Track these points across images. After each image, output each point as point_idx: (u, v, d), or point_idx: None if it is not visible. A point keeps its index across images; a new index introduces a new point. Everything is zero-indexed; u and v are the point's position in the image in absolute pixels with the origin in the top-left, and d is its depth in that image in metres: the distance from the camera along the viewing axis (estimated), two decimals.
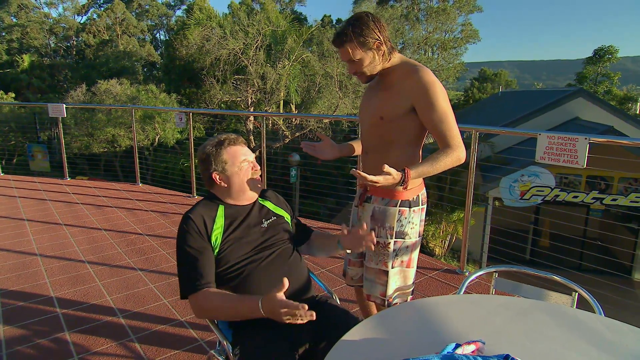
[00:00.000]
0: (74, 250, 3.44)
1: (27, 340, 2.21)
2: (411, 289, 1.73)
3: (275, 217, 1.59)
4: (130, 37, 31.88)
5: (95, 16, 34.34)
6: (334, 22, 25.45)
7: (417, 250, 1.70)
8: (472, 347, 1.04)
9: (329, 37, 15.56)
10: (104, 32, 31.44)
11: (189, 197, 5.18)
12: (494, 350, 1.02)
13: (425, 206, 1.69)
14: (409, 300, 1.72)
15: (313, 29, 15.72)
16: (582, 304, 1.44)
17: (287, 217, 1.65)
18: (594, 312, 1.34)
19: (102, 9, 35.18)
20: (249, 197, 1.53)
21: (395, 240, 1.64)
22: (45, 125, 16.10)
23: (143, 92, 14.86)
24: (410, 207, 1.63)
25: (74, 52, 32.77)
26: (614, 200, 8.25)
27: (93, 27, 31.41)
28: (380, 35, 1.50)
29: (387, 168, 1.37)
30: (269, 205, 1.62)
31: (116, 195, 5.21)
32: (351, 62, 1.54)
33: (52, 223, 4.11)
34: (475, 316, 1.24)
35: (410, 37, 19.51)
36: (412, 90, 1.50)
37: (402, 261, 1.66)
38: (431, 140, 1.94)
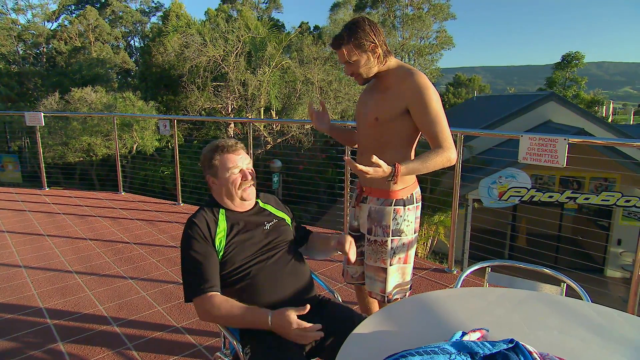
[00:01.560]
0: (60, 260, 3.37)
1: (20, 352, 2.16)
2: (409, 285, 1.79)
3: (276, 220, 1.62)
4: (103, 44, 31.24)
5: (66, 22, 33.51)
6: (312, 28, 25.63)
7: (414, 247, 1.77)
8: (477, 335, 1.11)
9: (308, 44, 15.69)
10: (75, 39, 30.70)
11: (175, 204, 5.13)
12: (497, 337, 1.08)
13: (420, 204, 1.76)
14: (407, 295, 1.78)
15: (292, 35, 15.82)
16: (569, 294, 1.54)
17: (288, 219, 1.69)
18: (582, 299, 1.44)
19: (74, 15, 34.39)
20: (238, 204, 1.55)
21: (392, 238, 1.69)
22: (15, 135, 15.57)
23: (120, 99, 14.58)
24: (404, 206, 1.69)
25: (45, 60, 31.86)
26: (587, 199, 8.60)
27: (64, 34, 30.63)
28: (375, 39, 1.56)
29: (375, 159, 1.41)
30: (269, 208, 1.66)
31: (99, 205, 5.11)
32: (348, 64, 1.61)
33: (34, 234, 4.00)
34: (477, 307, 1.31)
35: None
36: (407, 93, 1.57)
37: (399, 258, 1.72)
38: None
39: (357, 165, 1.41)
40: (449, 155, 1.56)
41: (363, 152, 1.75)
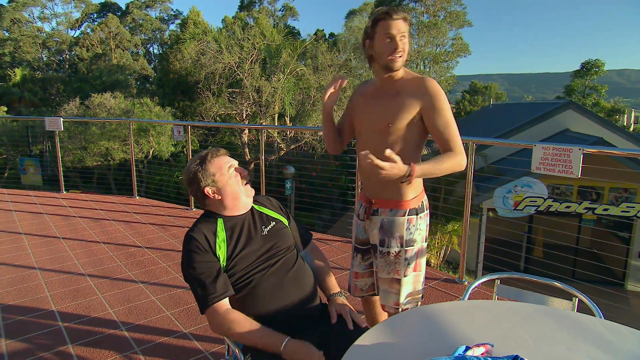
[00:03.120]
0: (74, 263, 3.43)
1: (30, 353, 2.20)
2: (421, 294, 1.76)
3: (274, 222, 1.60)
4: (123, 50, 32.03)
5: (89, 30, 34.47)
6: (327, 36, 25.80)
7: (425, 254, 1.75)
8: (481, 350, 1.08)
9: (322, 51, 15.78)
10: (97, 46, 31.54)
11: (187, 209, 5.19)
12: (502, 353, 1.06)
13: (429, 211, 1.75)
14: (419, 304, 1.75)
15: (307, 43, 15.95)
16: (582, 310, 1.49)
17: (285, 220, 1.66)
18: (594, 315, 1.39)
19: (96, 23, 35.35)
20: (244, 203, 1.54)
21: (406, 248, 1.67)
22: (37, 139, 16.02)
23: (138, 105, 14.89)
24: (417, 214, 1.67)
25: (67, 66, 32.80)
26: (606, 210, 8.38)
27: (86, 41, 31.51)
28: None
29: (389, 152, 1.36)
30: (264, 210, 1.63)
31: (113, 209, 5.20)
32: (403, 37, 1.55)
33: (50, 236, 4.09)
34: (483, 320, 1.28)
35: None
36: (421, 97, 1.56)
37: (413, 267, 1.70)
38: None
39: (375, 159, 1.34)
40: (459, 159, 1.55)
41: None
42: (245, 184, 1.55)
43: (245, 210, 1.56)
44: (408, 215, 1.66)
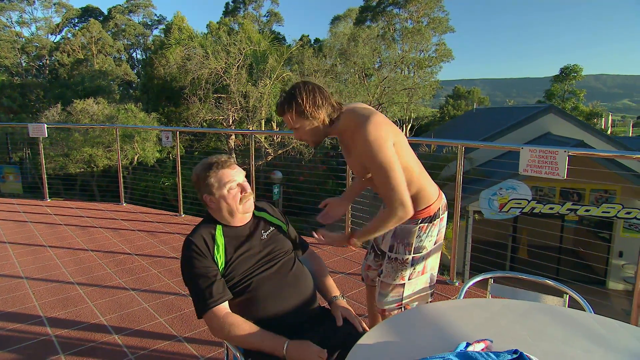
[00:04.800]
0: (61, 272, 3.36)
1: None
2: (431, 292, 1.82)
3: (273, 228, 1.62)
4: (106, 56, 31.54)
5: (70, 35, 33.88)
6: (312, 41, 25.92)
7: (434, 255, 1.77)
8: (481, 345, 1.11)
9: (308, 57, 15.86)
10: (78, 51, 31.01)
11: (176, 215, 5.14)
12: (501, 348, 1.09)
13: (446, 213, 1.77)
14: (429, 302, 1.80)
15: (293, 48, 16.00)
16: (572, 306, 1.54)
17: (284, 226, 1.68)
18: (584, 310, 1.44)
19: (77, 28, 34.79)
20: (239, 219, 1.54)
21: (414, 255, 1.71)
22: (17, 146, 15.62)
23: (122, 111, 14.67)
24: (431, 222, 1.70)
25: (47, 72, 32.15)
26: (587, 211, 8.60)
27: (67, 46, 30.94)
28: (313, 105, 1.53)
29: (317, 236, 1.68)
30: (265, 216, 1.65)
31: (100, 216, 5.12)
32: (295, 129, 1.60)
33: (35, 245, 4.00)
34: (480, 318, 1.32)
35: (387, 57, 20.05)
36: (359, 151, 1.55)
37: (418, 272, 1.75)
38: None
39: (315, 234, 1.70)
40: (398, 215, 1.52)
41: (374, 193, 1.78)
42: (246, 201, 1.53)
43: (243, 223, 1.56)
44: (420, 223, 1.69)
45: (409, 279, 1.73)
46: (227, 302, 1.44)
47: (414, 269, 1.73)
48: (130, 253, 3.80)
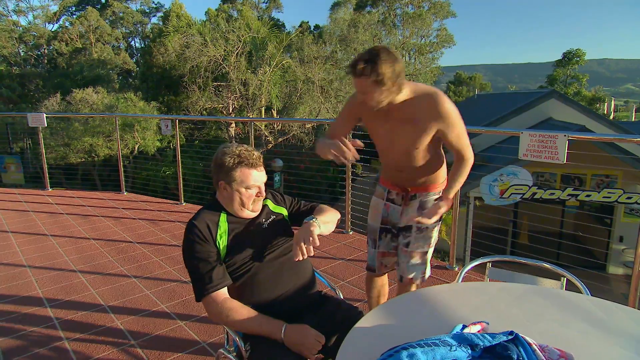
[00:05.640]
0: (64, 260, 3.39)
1: (26, 350, 2.19)
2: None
3: (274, 216, 1.63)
4: (104, 45, 31.28)
5: (67, 24, 33.56)
6: (312, 28, 25.63)
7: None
8: (477, 327, 1.13)
9: (308, 43, 15.69)
10: (76, 40, 30.75)
11: (177, 204, 5.15)
12: (497, 330, 1.10)
13: None
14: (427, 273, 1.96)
15: (293, 35, 15.84)
16: (570, 289, 1.55)
17: (285, 213, 1.69)
18: (581, 293, 1.45)
19: (75, 16, 34.45)
20: (247, 215, 1.55)
21: (437, 223, 1.91)
22: (18, 136, 15.60)
23: (122, 100, 14.61)
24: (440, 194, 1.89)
25: (46, 61, 31.94)
26: (588, 196, 8.59)
27: (65, 35, 30.68)
28: (394, 74, 1.52)
29: (424, 218, 1.75)
30: (268, 203, 1.65)
31: (101, 205, 5.14)
32: (361, 93, 1.59)
33: (37, 234, 4.03)
34: (478, 301, 1.32)
35: (387, 42, 19.84)
36: (436, 120, 1.66)
37: (435, 241, 1.95)
38: None
39: (439, 212, 1.73)
40: (470, 161, 1.80)
41: (402, 169, 1.86)
42: (258, 202, 1.54)
43: (248, 217, 1.56)
44: (438, 194, 1.89)
45: (430, 247, 1.91)
46: (226, 287, 1.45)
47: (434, 238, 1.92)
48: (132, 241, 3.83)
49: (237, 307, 1.42)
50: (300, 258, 1.40)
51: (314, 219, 1.50)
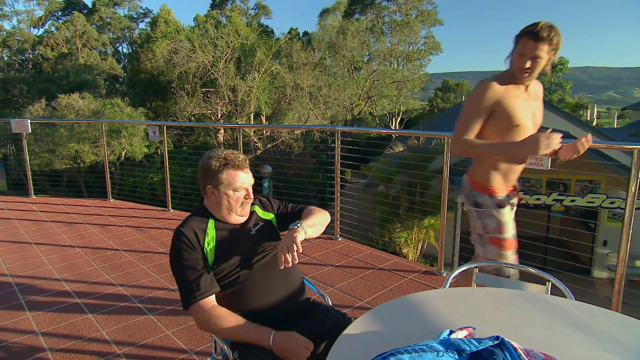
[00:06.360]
0: (48, 269, 3.32)
1: None
2: None
3: (262, 222, 1.62)
4: (91, 50, 30.97)
5: (53, 29, 33.16)
6: (301, 34, 25.76)
7: None
8: (464, 333, 1.13)
9: (297, 50, 15.76)
10: (62, 45, 30.39)
11: (164, 211, 5.10)
12: (483, 335, 1.11)
13: None
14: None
15: (282, 41, 15.89)
16: (554, 293, 1.57)
17: (274, 219, 1.68)
18: (566, 297, 1.47)
19: (61, 21, 34.06)
20: (235, 220, 1.55)
21: None
22: (1, 142, 15.29)
23: (108, 105, 14.44)
24: None
25: (30, 66, 31.48)
26: (573, 201, 8.75)
27: (51, 40, 30.30)
28: (558, 49, 1.78)
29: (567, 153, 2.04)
30: (256, 209, 1.65)
31: (87, 212, 5.06)
32: (533, 58, 1.77)
33: (20, 242, 3.95)
34: (464, 306, 1.34)
35: (375, 49, 20.04)
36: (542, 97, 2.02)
37: None
38: None
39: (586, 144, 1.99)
40: None
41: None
42: (246, 205, 1.54)
43: (237, 223, 1.56)
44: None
45: None
46: (214, 295, 1.44)
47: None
48: (118, 249, 3.77)
49: (225, 315, 1.41)
50: (284, 266, 1.40)
51: (298, 225, 1.50)
